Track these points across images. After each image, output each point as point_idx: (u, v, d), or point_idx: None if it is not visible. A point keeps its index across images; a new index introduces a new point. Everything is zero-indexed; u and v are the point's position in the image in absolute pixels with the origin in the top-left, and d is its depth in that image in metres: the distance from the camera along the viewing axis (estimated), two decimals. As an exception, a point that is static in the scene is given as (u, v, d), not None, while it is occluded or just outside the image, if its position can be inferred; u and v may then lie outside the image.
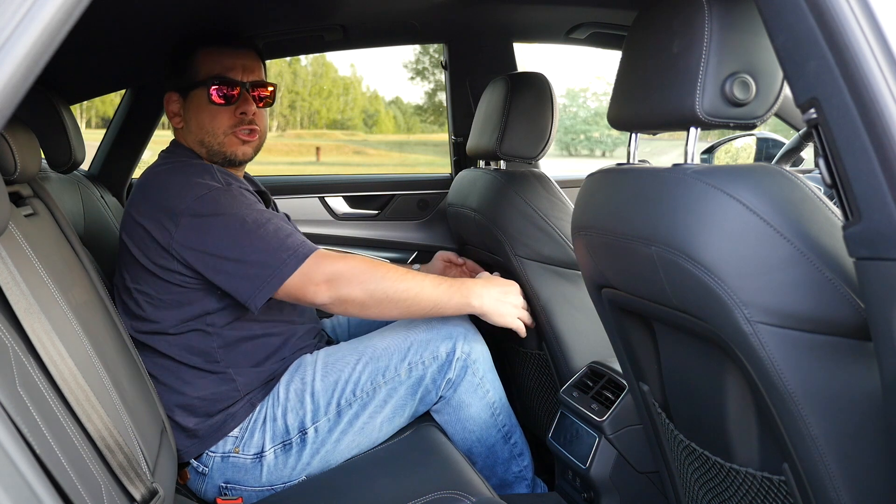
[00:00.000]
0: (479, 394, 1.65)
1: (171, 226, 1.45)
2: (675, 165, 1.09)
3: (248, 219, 1.43)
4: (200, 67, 1.61)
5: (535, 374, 2.01)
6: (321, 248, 1.46)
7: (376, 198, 2.54)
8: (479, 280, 1.61)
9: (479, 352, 1.63)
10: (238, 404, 1.57)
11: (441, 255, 2.02)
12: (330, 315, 2.01)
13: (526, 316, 1.63)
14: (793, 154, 2.14)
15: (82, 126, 1.94)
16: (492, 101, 1.97)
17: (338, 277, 1.43)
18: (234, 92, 1.60)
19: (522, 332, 1.62)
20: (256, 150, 1.69)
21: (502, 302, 1.57)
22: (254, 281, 1.41)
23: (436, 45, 2.73)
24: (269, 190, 1.99)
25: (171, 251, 1.46)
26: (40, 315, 1.03)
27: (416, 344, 1.59)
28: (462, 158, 2.49)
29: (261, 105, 1.66)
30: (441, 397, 1.63)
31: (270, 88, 1.68)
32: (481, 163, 2.22)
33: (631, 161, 1.27)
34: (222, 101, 1.60)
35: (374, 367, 1.57)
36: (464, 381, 1.62)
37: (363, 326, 1.95)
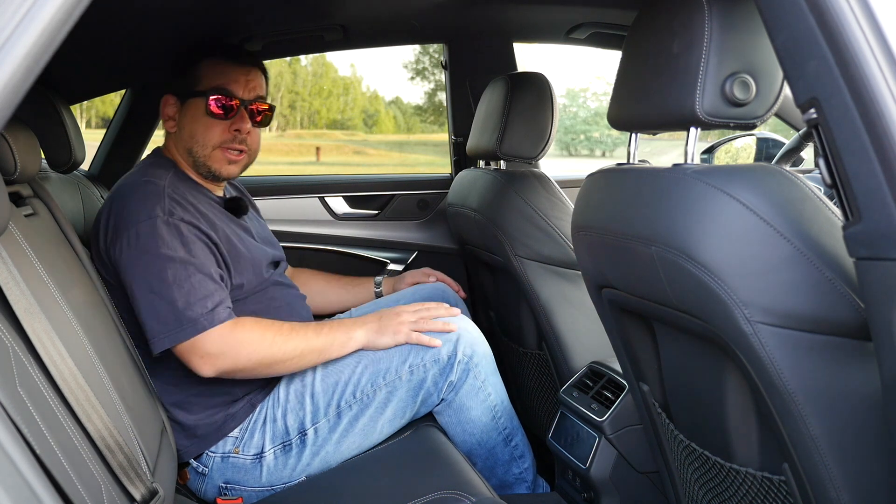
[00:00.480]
0: (481, 397, 1.64)
1: (114, 244, 1.46)
2: (675, 165, 1.09)
3: (169, 271, 1.43)
4: (203, 77, 1.60)
5: (535, 374, 2.01)
6: (224, 323, 1.44)
7: (376, 198, 2.54)
8: (362, 316, 1.63)
9: (481, 354, 1.62)
10: (238, 404, 1.57)
11: (409, 277, 2.02)
12: (332, 315, 2.00)
13: (424, 325, 1.58)
14: (793, 154, 2.14)
15: (82, 126, 1.94)
16: (492, 101, 1.97)
17: (222, 353, 1.44)
18: (233, 104, 1.59)
19: (423, 341, 1.57)
20: (244, 168, 1.68)
21: (383, 325, 1.58)
22: (150, 330, 1.43)
23: (436, 45, 2.73)
24: (268, 190, 1.99)
25: (112, 266, 1.48)
26: (40, 315, 1.03)
27: (417, 346, 1.58)
28: (462, 158, 2.49)
29: (258, 119, 1.65)
30: (442, 399, 1.63)
31: (268, 106, 1.66)
32: (481, 163, 2.22)
33: (631, 161, 1.27)
34: (218, 114, 1.59)
35: (375, 369, 1.57)
36: (465, 384, 1.61)
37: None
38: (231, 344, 1.45)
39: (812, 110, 0.84)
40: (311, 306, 1.86)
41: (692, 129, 1.08)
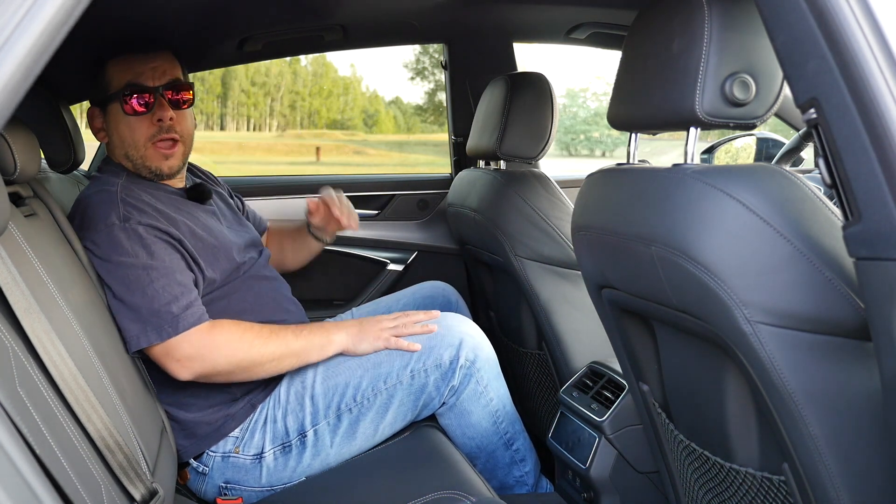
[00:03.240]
0: (482, 402, 1.63)
1: (87, 252, 1.47)
2: (675, 165, 1.09)
3: (130, 277, 1.43)
4: (112, 79, 1.57)
5: (535, 374, 2.01)
6: (198, 325, 1.44)
7: (376, 198, 2.54)
8: (342, 321, 1.64)
9: (484, 359, 1.60)
10: (238, 405, 1.57)
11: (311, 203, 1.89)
12: (332, 315, 2.00)
13: (404, 331, 1.59)
14: (793, 154, 2.14)
15: (82, 126, 1.94)
16: (492, 101, 1.97)
17: (200, 356, 1.44)
18: (149, 99, 1.56)
19: (402, 346, 1.57)
20: (184, 158, 1.65)
21: (363, 331, 1.58)
22: (126, 330, 1.43)
23: (436, 45, 2.73)
24: (268, 190, 1.97)
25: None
26: (40, 315, 1.03)
27: (418, 350, 1.58)
28: (462, 158, 2.49)
29: (184, 107, 1.61)
30: (444, 403, 1.62)
31: (187, 87, 1.62)
32: (481, 163, 2.22)
33: (631, 161, 1.27)
34: (137, 111, 1.56)
35: (376, 373, 1.56)
36: (467, 389, 1.60)
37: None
38: (207, 347, 1.45)
39: (812, 110, 0.84)
40: (282, 263, 1.89)
41: (692, 129, 1.08)
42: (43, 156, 1.82)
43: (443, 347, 1.57)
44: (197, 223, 1.59)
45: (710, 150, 2.39)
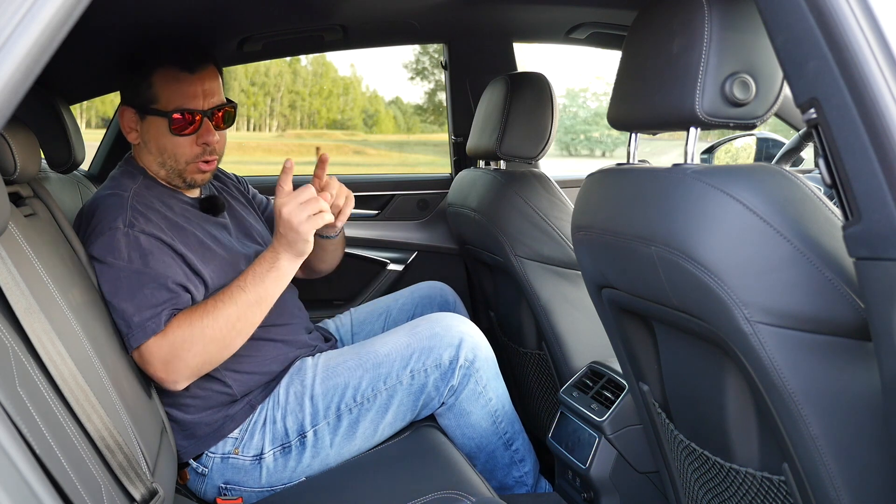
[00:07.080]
0: (482, 402, 1.63)
1: (86, 252, 1.47)
2: (675, 165, 1.09)
3: (124, 280, 1.43)
4: (160, 93, 1.54)
5: (535, 374, 2.01)
6: (154, 333, 1.42)
7: (376, 198, 2.54)
8: (273, 243, 1.50)
9: (483, 359, 1.61)
10: (237, 405, 1.57)
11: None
12: (331, 315, 2.00)
13: (325, 214, 1.46)
14: (793, 154, 2.14)
15: (82, 126, 1.94)
16: (492, 101, 1.97)
17: (172, 358, 1.43)
18: (196, 118, 1.55)
19: (327, 220, 1.47)
20: (214, 170, 1.66)
21: (291, 238, 1.46)
22: (120, 329, 1.44)
23: (436, 45, 2.73)
24: (269, 190, 1.93)
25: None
26: (40, 315, 1.03)
27: (418, 351, 1.57)
28: (462, 158, 2.49)
29: (223, 126, 1.61)
30: (443, 403, 1.63)
31: (230, 107, 1.61)
32: (481, 163, 2.22)
33: (631, 161, 1.27)
34: (185, 132, 1.55)
35: (375, 373, 1.56)
36: (466, 389, 1.61)
37: (365, 326, 1.95)
38: (169, 348, 1.43)
39: (812, 110, 0.84)
40: (310, 266, 1.81)
41: (692, 129, 1.08)
42: (43, 156, 1.83)
43: (442, 347, 1.58)
44: (207, 235, 1.59)
45: (710, 150, 2.40)
